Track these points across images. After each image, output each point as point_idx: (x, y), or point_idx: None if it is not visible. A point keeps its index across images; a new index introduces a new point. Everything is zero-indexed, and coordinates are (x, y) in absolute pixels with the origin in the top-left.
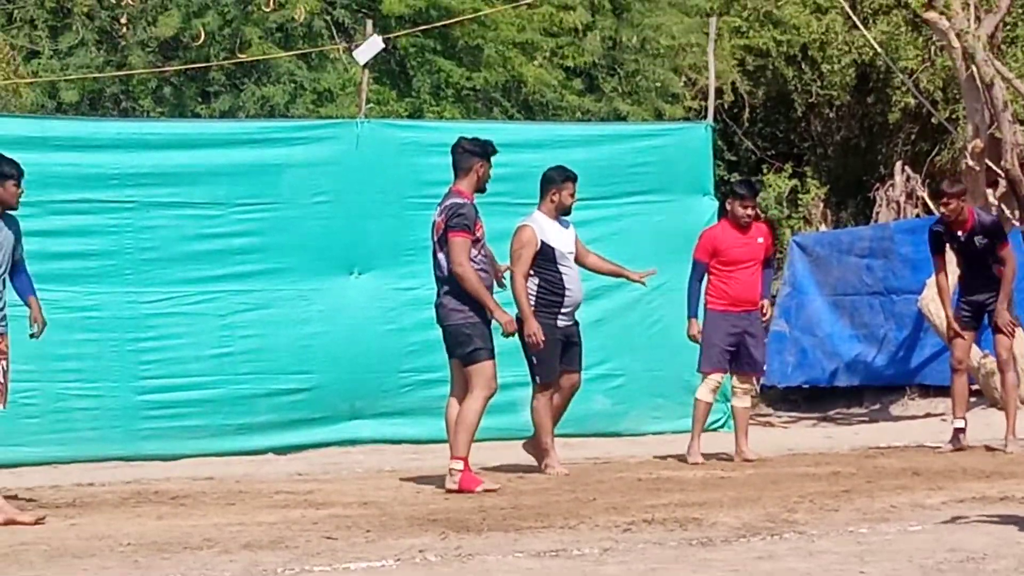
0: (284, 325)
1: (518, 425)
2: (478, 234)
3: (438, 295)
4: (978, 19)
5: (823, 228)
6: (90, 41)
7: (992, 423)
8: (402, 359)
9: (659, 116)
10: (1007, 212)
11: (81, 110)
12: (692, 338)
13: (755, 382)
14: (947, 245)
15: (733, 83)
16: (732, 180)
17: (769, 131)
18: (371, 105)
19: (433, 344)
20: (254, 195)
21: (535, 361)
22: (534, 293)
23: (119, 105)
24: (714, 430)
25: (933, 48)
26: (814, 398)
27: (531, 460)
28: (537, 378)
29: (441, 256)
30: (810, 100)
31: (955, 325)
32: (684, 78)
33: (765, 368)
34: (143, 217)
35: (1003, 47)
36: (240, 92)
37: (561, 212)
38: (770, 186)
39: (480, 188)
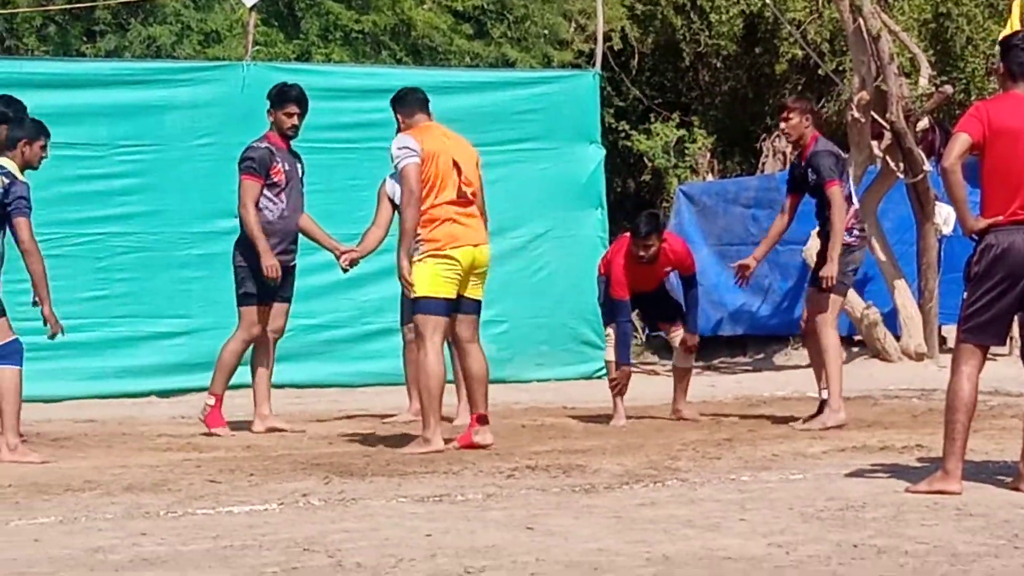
0: (163, 268)
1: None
2: (275, 179)
3: None
4: None
5: (710, 178)
6: None
7: (874, 373)
8: None
9: (548, 62)
10: (892, 164)
11: None
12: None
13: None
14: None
15: (623, 29)
16: (620, 129)
17: (657, 80)
18: (258, 47)
19: (316, 290)
20: (136, 136)
21: None
22: None
23: (3, 44)
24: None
25: (821, 0)
26: (698, 346)
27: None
28: None
29: None
30: (698, 50)
31: (744, 279)
32: (573, 24)
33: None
34: None
35: (890, 0)
36: (126, 32)
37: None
38: (657, 135)
39: (282, 134)
